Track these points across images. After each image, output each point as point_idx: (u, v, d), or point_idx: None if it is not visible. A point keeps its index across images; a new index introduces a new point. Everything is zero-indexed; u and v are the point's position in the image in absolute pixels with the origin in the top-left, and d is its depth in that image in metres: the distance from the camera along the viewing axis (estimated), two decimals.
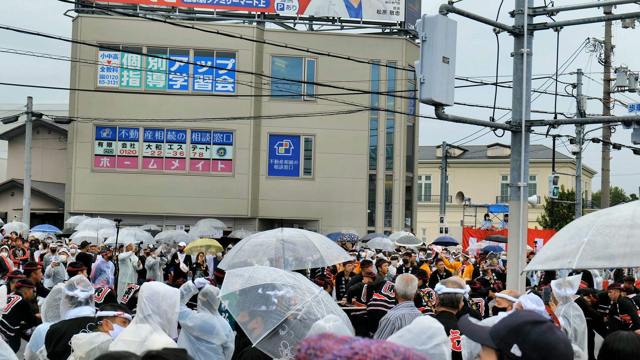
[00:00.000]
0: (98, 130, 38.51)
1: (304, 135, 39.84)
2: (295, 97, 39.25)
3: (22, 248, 22.64)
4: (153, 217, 38.15)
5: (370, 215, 40.90)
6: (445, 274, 19.83)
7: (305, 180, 39.91)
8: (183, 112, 37.28)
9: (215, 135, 38.97)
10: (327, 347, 1.87)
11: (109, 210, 33.60)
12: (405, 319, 7.05)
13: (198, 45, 37.83)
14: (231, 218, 38.64)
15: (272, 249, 11.14)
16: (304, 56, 37.88)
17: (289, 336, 5.88)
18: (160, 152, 38.76)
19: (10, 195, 44.50)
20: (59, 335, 6.61)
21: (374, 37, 41.48)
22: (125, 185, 37.99)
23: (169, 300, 5.45)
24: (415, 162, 43.56)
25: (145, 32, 37.60)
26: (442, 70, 10.47)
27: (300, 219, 39.66)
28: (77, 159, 38.46)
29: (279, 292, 6.07)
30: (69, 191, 38.97)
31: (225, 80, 39.09)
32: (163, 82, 38.74)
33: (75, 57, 36.66)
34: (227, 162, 39.11)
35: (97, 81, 38.31)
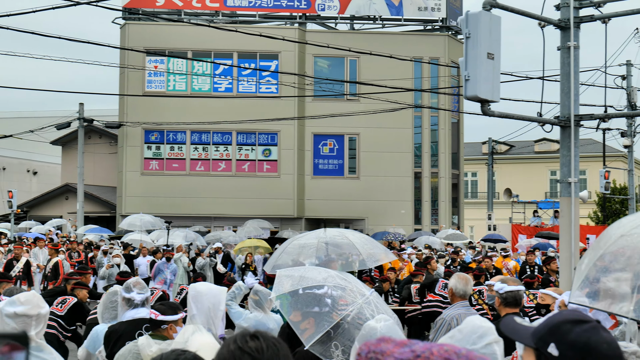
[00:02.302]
0: (147, 134, 38.95)
1: (348, 134, 39.78)
2: (338, 96, 39.22)
3: (77, 250, 23.05)
4: (201, 218, 38.44)
5: (417, 213, 40.70)
6: (495, 272, 19.62)
7: (350, 179, 39.86)
8: (228, 114, 37.50)
9: (260, 136, 39.12)
10: (387, 351, 1.87)
11: (159, 212, 33.92)
12: (462, 319, 6.95)
13: (241, 48, 38.01)
14: (278, 218, 38.75)
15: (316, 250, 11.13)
16: (345, 56, 37.86)
17: (340, 337, 5.81)
18: (207, 154, 39.06)
19: (65, 199, 45.19)
20: (117, 337, 6.69)
21: (415, 34, 41.31)
22: (173, 188, 38.35)
23: (212, 300, 5.49)
24: (460, 159, 43.26)
25: (190, 36, 37.93)
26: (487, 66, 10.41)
27: (345, 218, 39.60)
28: (127, 163, 38.95)
29: (331, 293, 6.03)
30: (120, 194, 39.49)
31: (269, 81, 39.24)
32: (208, 85, 39.03)
33: (124, 63, 37.12)
34: (273, 162, 39.23)
35: (145, 86, 38.76)
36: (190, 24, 36.93)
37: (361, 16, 40.16)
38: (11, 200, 34.41)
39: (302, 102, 38.93)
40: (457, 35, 40.83)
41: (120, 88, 39.37)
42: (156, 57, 38.18)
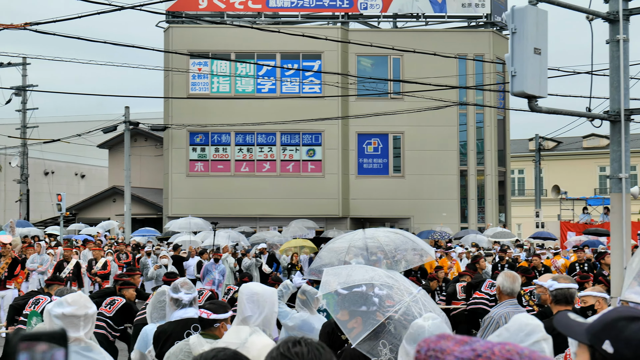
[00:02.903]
0: (192, 136, 39.23)
1: (392, 133, 39.67)
2: (382, 95, 39.11)
3: (125, 252, 23.29)
4: (246, 219, 38.60)
5: (463, 211, 40.45)
6: (544, 270, 19.39)
7: (395, 178, 39.74)
8: (272, 115, 37.59)
9: (304, 136, 39.17)
10: (447, 349, 1.83)
11: (204, 214, 34.14)
12: (510, 317, 6.90)
13: (284, 49, 38.10)
14: (323, 218, 38.77)
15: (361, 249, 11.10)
16: (389, 54, 37.76)
17: (387, 336, 5.79)
18: (252, 155, 39.23)
19: (112, 201, 45.71)
20: (166, 337, 6.74)
21: (459, 31, 41.08)
22: (219, 189, 38.57)
23: (268, 300, 5.49)
24: (507, 156, 42.89)
25: (232, 38, 38.11)
26: (534, 61, 10.28)
27: (391, 217, 39.50)
28: (173, 165, 39.27)
29: (378, 292, 6.01)
30: (166, 196, 39.83)
31: (312, 81, 39.28)
32: (252, 86, 39.20)
33: (168, 66, 37.42)
34: (317, 162, 39.26)
35: (189, 89, 39.04)
36: (233, 25, 37.02)
37: (404, 14, 40.02)
38: (60, 203, 34.87)
39: (346, 101, 38.90)
40: (502, 31, 40.48)
41: (165, 91, 39.71)
42: (200, 59, 38.44)
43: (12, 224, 27.61)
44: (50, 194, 46.88)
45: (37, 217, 49.78)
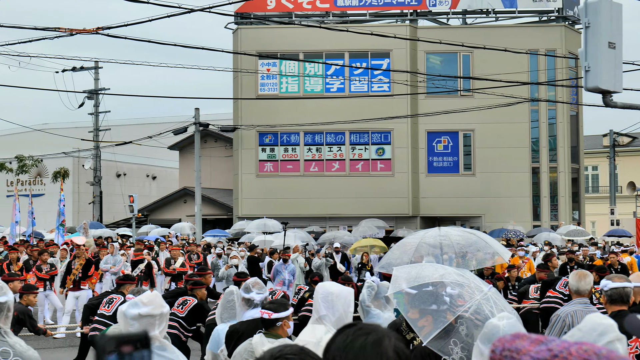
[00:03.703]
0: (261, 136, 39.48)
1: (463, 130, 39.36)
2: (452, 92, 38.80)
3: (196, 252, 23.52)
4: (316, 219, 38.68)
5: (535, 209, 39.89)
6: (620, 268, 18.94)
7: (466, 176, 39.40)
8: (341, 115, 37.59)
9: (373, 135, 39.08)
10: (523, 349, 1.80)
11: (274, 214, 34.31)
12: (578, 316, 6.76)
13: (353, 48, 38.08)
14: (393, 217, 38.63)
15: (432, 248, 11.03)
16: (458, 51, 37.44)
17: (458, 334, 5.80)
18: (321, 154, 39.30)
19: (183, 202, 46.28)
20: (238, 336, 6.79)
21: (530, 26, 40.53)
22: (288, 189, 38.73)
23: (342, 300, 5.48)
24: (580, 152, 42.13)
25: (301, 38, 38.23)
26: (608, 56, 10.05)
27: (462, 216, 39.20)
28: (243, 166, 39.57)
29: (449, 290, 6.00)
30: (236, 196, 40.16)
31: (381, 80, 39.18)
32: (320, 86, 39.27)
33: (237, 67, 37.72)
34: (386, 161, 39.14)
35: (258, 89, 39.29)
36: (301, 25, 37.19)
37: (474, 10, 39.68)
38: (132, 204, 35.45)
39: (415, 99, 38.67)
40: (575, 25, 39.79)
41: (234, 92, 40.06)
42: (268, 60, 38.65)
43: (85, 226, 28.11)
44: (123, 196, 47.69)
45: (110, 219, 50.70)
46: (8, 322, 4.56)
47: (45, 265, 18.85)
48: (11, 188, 44.12)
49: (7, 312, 4.53)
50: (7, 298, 4.55)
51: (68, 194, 48.66)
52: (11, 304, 4.58)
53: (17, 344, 4.52)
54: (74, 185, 52.26)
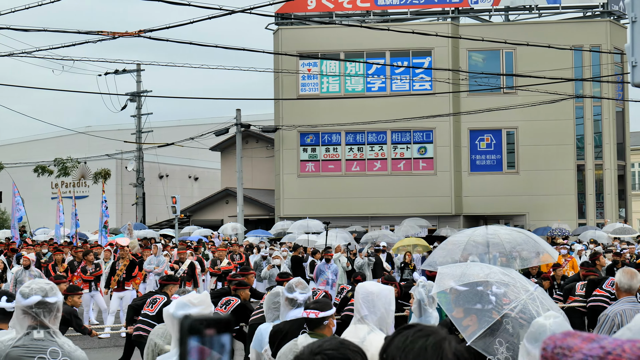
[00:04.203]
0: (302, 136, 39.54)
1: (506, 128, 39.08)
2: (495, 90, 38.49)
3: (239, 253, 23.60)
4: (358, 218, 38.66)
5: (580, 207, 39.46)
6: None
7: (509, 174, 39.12)
8: (382, 114, 37.50)
9: (415, 134, 38.96)
10: (575, 347, 1.77)
11: (316, 214, 34.33)
12: (627, 315, 6.64)
13: (394, 47, 37.97)
14: (435, 216, 38.47)
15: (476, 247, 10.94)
16: (501, 48, 37.19)
17: (504, 334, 5.74)
18: (362, 154, 39.26)
19: (225, 203, 46.51)
20: (282, 336, 6.79)
21: (574, 21, 40.10)
22: (330, 189, 38.74)
23: (383, 299, 5.44)
24: (626, 149, 41.55)
25: (341, 38, 38.22)
26: None
27: (505, 214, 38.93)
28: (284, 166, 39.67)
29: (494, 290, 5.94)
30: (278, 197, 40.27)
31: (422, 78, 39.02)
32: (361, 85, 39.22)
33: (278, 68, 37.81)
34: (429, 160, 38.99)
35: (299, 89, 39.35)
36: (342, 25, 37.14)
37: (516, 6, 39.38)
38: (175, 205, 35.65)
39: (457, 97, 38.44)
40: (620, 20, 39.28)
41: (275, 92, 40.17)
42: (309, 60, 38.69)
43: (129, 227, 28.37)
44: (165, 197, 48.01)
45: (153, 220, 51.11)
46: (57, 322, 4.60)
47: (90, 266, 19.02)
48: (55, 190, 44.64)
49: (56, 313, 4.57)
50: (57, 299, 4.61)
51: (111, 196, 49.16)
52: (60, 304, 4.63)
53: (65, 344, 4.56)
54: (117, 186, 52.78)
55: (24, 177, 44.80)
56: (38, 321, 4.51)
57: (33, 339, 4.48)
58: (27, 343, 4.47)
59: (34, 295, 4.53)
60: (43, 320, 4.51)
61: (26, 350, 4.45)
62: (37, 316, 4.51)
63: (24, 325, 4.53)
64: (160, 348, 7.29)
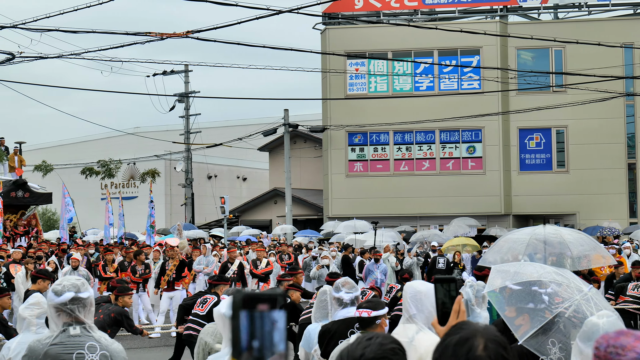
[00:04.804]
0: (350, 136, 39.53)
1: (555, 127, 38.69)
2: (544, 88, 38.14)
3: (287, 252, 23.67)
4: (407, 218, 38.56)
5: (632, 206, 38.93)
6: None
7: (559, 173, 38.72)
8: (430, 113, 37.36)
9: (463, 133, 38.77)
10: (628, 345, 1.77)
11: (364, 214, 34.32)
12: None
13: (442, 45, 37.81)
14: (484, 216, 38.22)
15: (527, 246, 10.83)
16: (550, 46, 36.78)
17: (556, 334, 5.68)
18: (411, 154, 39.15)
19: (274, 203, 46.67)
20: (330, 335, 6.79)
21: (625, 19, 39.53)
22: (378, 189, 38.69)
23: (431, 298, 5.41)
24: None
25: (389, 37, 38.15)
26: None
27: (555, 214, 38.56)
28: (332, 166, 39.69)
29: (547, 289, 5.90)
30: (326, 197, 40.30)
31: (471, 77, 38.77)
32: (409, 84, 39.10)
33: (325, 67, 37.87)
34: (477, 159, 38.76)
35: (347, 89, 39.35)
36: (390, 24, 37.05)
37: (565, 4, 38.95)
38: (223, 206, 35.80)
39: (506, 96, 38.13)
40: None
41: (322, 92, 40.20)
42: (357, 59, 38.67)
43: (179, 227, 28.56)
44: (214, 197, 48.31)
45: (202, 220, 51.45)
46: (91, 316, 4.66)
47: (140, 266, 19.20)
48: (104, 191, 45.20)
49: (90, 307, 4.63)
50: (90, 294, 4.66)
51: (160, 196, 49.64)
52: (93, 299, 4.68)
53: (102, 338, 4.62)
54: (166, 187, 53.24)
55: (73, 178, 45.35)
56: (73, 317, 4.56)
57: (70, 336, 4.53)
58: (64, 340, 4.52)
59: (66, 292, 4.59)
60: (78, 316, 4.57)
61: (64, 347, 4.50)
62: (72, 312, 4.56)
63: (59, 322, 4.59)
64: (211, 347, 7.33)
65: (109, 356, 4.56)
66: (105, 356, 4.55)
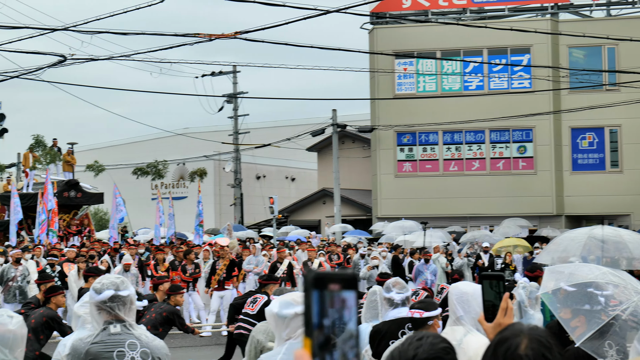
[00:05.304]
0: (399, 136, 39.36)
1: (608, 126, 38.09)
2: (597, 87, 37.54)
3: (336, 253, 23.66)
4: (457, 218, 38.28)
5: None
6: None
7: (613, 173, 38.13)
8: (480, 113, 37.04)
9: (514, 133, 38.39)
10: None
11: (413, 214, 34.14)
12: None
13: (491, 44, 37.47)
14: (536, 216, 37.75)
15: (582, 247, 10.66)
16: (603, 44, 36.18)
17: (614, 336, 5.54)
18: (460, 153, 38.87)
19: (322, 203, 46.67)
20: (381, 336, 6.77)
21: None
22: (427, 189, 38.46)
23: (478, 299, 5.34)
24: None
25: (438, 36, 37.91)
26: None
27: (609, 214, 37.97)
28: (381, 166, 39.56)
29: (604, 291, 5.78)
30: (375, 197, 40.18)
31: (521, 76, 38.36)
32: (458, 84, 38.83)
33: (374, 67, 37.75)
34: (528, 159, 38.34)
35: (395, 89, 39.19)
36: (438, 23, 36.81)
37: (618, 1, 38.40)
38: (272, 206, 35.91)
39: (558, 95, 37.64)
40: None
41: (371, 92, 40.09)
42: (405, 59, 38.49)
43: (229, 227, 28.73)
44: (263, 198, 48.47)
45: (251, 220, 51.64)
46: (132, 315, 4.67)
47: (190, 265, 19.35)
48: (155, 191, 45.60)
49: (130, 305, 4.64)
50: (130, 292, 4.67)
51: (209, 197, 49.96)
52: (133, 297, 4.70)
53: (142, 335, 4.64)
54: (215, 187, 53.56)
55: (124, 179, 45.83)
56: (113, 315, 4.58)
57: (110, 334, 4.55)
58: (105, 338, 4.54)
59: (106, 290, 4.60)
60: (118, 314, 4.58)
61: (105, 346, 4.52)
62: (112, 310, 4.57)
63: (100, 321, 4.61)
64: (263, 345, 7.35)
65: (149, 353, 4.57)
66: (146, 353, 4.56)
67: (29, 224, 29.42)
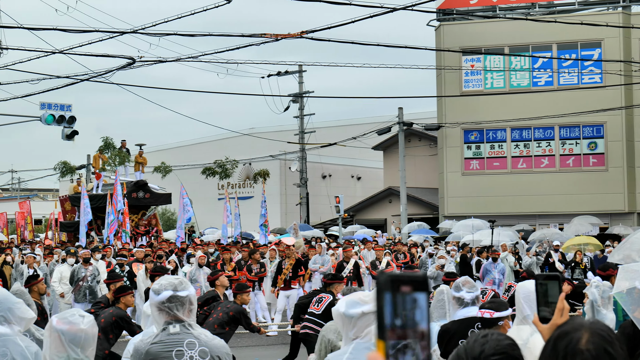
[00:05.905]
0: (466, 134, 39.02)
1: None
2: None
3: (403, 252, 23.51)
4: (525, 216, 37.81)
5: None
6: None
7: None
8: (549, 109, 36.53)
9: (584, 129, 37.75)
10: None
11: (481, 212, 33.81)
12: None
13: (560, 39, 36.91)
14: (607, 214, 37.07)
15: None
16: None
17: None
18: (529, 151, 38.38)
19: (388, 202, 46.52)
20: (450, 335, 6.68)
21: None
22: (495, 187, 38.07)
23: None
24: None
25: (505, 32, 37.48)
26: None
27: None
28: (448, 164, 39.28)
29: None
30: (441, 195, 39.91)
31: (592, 71, 37.67)
32: (527, 80, 38.34)
33: (440, 64, 37.51)
34: (599, 156, 37.66)
35: (462, 86, 38.85)
36: (506, 19, 36.34)
37: None
38: (338, 205, 35.91)
39: (630, 90, 36.85)
40: None
41: (437, 89, 39.82)
42: (472, 55, 38.12)
43: (295, 227, 28.78)
44: (328, 197, 48.48)
45: (317, 220, 51.71)
46: (192, 315, 4.70)
47: (256, 265, 19.40)
48: (222, 191, 45.98)
49: (189, 305, 4.67)
50: (188, 292, 4.70)
51: (275, 196, 50.15)
52: (193, 297, 4.72)
53: (202, 335, 4.67)
54: (280, 187, 53.76)
55: (191, 179, 46.31)
56: (172, 316, 4.61)
57: (169, 334, 4.59)
58: (164, 338, 4.58)
59: (164, 290, 4.63)
60: (177, 314, 4.61)
61: (164, 346, 4.56)
62: (170, 310, 4.60)
63: (160, 321, 4.65)
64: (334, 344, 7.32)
65: (208, 352, 4.60)
66: (205, 352, 4.59)
67: (98, 224, 29.94)
